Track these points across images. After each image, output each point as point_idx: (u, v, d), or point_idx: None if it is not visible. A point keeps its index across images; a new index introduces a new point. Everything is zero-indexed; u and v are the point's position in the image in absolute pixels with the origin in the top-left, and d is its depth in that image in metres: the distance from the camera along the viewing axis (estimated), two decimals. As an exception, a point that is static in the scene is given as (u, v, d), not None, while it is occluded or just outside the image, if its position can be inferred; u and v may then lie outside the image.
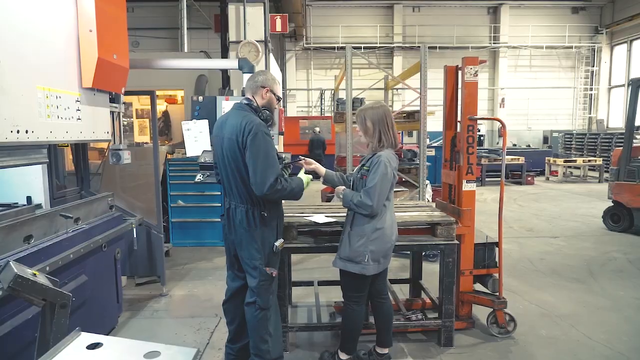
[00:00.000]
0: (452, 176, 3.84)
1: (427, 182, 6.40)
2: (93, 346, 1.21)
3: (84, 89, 2.97)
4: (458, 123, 3.87)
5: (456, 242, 3.34)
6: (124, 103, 3.75)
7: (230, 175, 2.71)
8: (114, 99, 3.46)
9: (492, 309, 3.58)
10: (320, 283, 4.34)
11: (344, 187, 2.94)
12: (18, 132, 2.43)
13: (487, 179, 13.49)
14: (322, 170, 3.06)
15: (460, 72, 3.75)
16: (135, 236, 3.90)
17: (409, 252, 4.84)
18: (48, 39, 2.65)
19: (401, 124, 7.38)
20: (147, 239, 4.53)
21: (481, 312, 3.78)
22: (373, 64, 6.95)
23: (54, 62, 2.67)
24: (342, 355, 3.06)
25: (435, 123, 9.33)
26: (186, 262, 5.69)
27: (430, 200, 6.38)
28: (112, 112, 3.46)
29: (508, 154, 14.61)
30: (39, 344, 2.05)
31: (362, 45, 19.03)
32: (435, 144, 12.74)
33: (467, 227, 3.60)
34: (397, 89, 18.66)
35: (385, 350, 3.14)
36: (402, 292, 4.45)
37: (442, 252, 3.33)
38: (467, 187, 3.63)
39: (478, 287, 3.78)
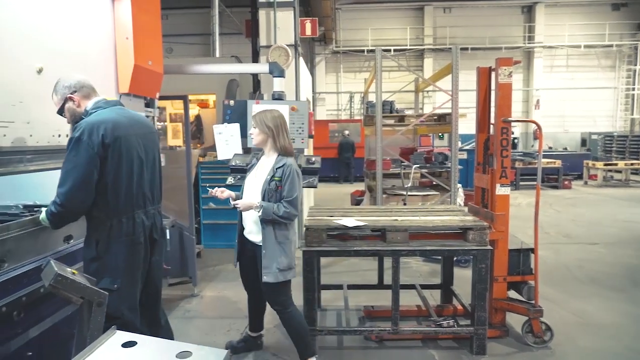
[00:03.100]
0: (485, 180, 3.75)
1: (459, 185, 6.28)
2: (128, 344, 1.24)
3: (121, 94, 3.07)
4: (491, 125, 3.78)
5: (489, 247, 3.25)
6: (158, 107, 3.85)
7: None
8: (149, 104, 3.55)
9: (527, 318, 3.47)
10: (350, 287, 4.32)
11: (259, 200, 2.87)
12: (60, 136, 2.54)
13: (521, 183, 13.12)
14: (232, 194, 3.01)
15: (493, 74, 3.66)
16: (168, 237, 3.99)
17: (439, 257, 4.76)
18: (88, 47, 2.76)
19: (432, 127, 7.29)
20: (180, 241, 4.63)
21: (515, 321, 3.67)
22: (403, 66, 6.90)
23: (93, 69, 2.77)
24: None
25: (466, 125, 9.16)
26: (217, 264, 5.77)
27: (462, 204, 6.26)
28: (147, 117, 3.56)
29: (544, 157, 14.15)
30: (77, 340, 2.12)
31: (392, 48, 18.87)
32: (467, 147, 12.50)
33: (501, 232, 3.51)
34: (427, 91, 18.46)
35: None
36: (433, 297, 4.38)
37: (475, 257, 3.25)
38: (501, 191, 3.54)
39: (512, 294, 3.67)
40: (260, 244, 2.92)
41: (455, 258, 4.82)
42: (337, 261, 5.77)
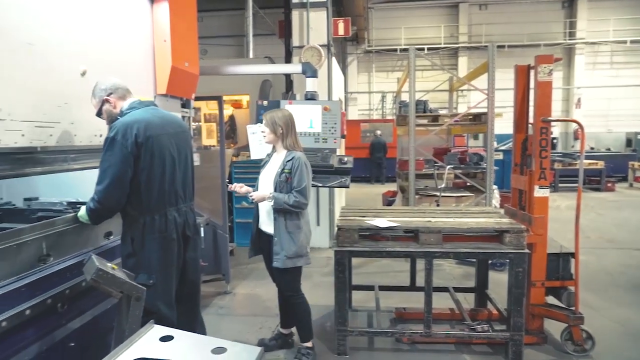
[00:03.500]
0: (522, 181, 3.64)
1: (494, 187, 6.12)
2: (165, 338, 1.28)
3: (158, 95, 3.16)
4: (529, 125, 3.66)
5: (527, 251, 3.15)
6: (193, 108, 3.94)
7: None
8: (185, 104, 3.64)
9: (567, 325, 3.34)
10: (381, 288, 4.29)
11: (270, 191, 3.07)
12: (100, 135, 2.63)
13: (560, 185, 12.66)
14: (250, 190, 3.20)
15: (532, 72, 3.55)
16: (202, 235, 4.07)
17: (473, 260, 4.65)
18: (128, 50, 2.85)
19: (467, 127, 7.14)
20: (213, 239, 4.72)
21: (554, 327, 3.54)
22: (437, 65, 6.79)
23: (133, 71, 2.86)
24: (309, 344, 3.30)
25: (502, 125, 8.92)
26: (249, 262, 5.84)
27: (498, 206, 6.09)
28: (183, 117, 3.64)
29: (586, 158, 13.60)
30: (116, 333, 2.20)
31: (426, 47, 18.62)
32: (502, 147, 12.17)
33: (539, 236, 3.40)
34: (462, 90, 18.08)
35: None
36: (467, 301, 4.28)
37: (511, 261, 3.16)
38: (539, 193, 3.42)
39: (551, 300, 3.55)
40: (272, 234, 3.11)
41: (490, 261, 4.70)
42: (368, 262, 5.74)
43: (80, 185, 3.01)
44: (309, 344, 3.30)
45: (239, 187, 3.16)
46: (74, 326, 2.32)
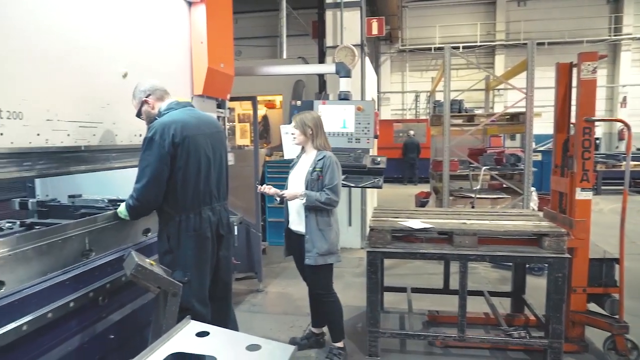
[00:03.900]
0: (563, 183, 3.51)
1: (533, 189, 5.93)
2: (201, 334, 1.31)
3: (195, 96, 3.23)
4: (571, 125, 3.53)
5: (567, 255, 3.04)
6: (228, 108, 4.00)
7: None
8: (220, 105, 3.70)
9: (610, 334, 3.20)
10: (414, 290, 4.23)
11: (303, 189, 3.11)
12: (140, 135, 2.72)
13: (603, 188, 12.14)
14: (278, 191, 3.22)
15: (574, 70, 3.42)
16: (236, 234, 4.13)
17: (510, 264, 4.53)
18: (167, 52, 2.93)
19: (503, 127, 6.96)
20: (246, 237, 4.79)
21: (596, 336, 3.40)
22: (473, 63, 6.64)
23: (171, 72, 2.94)
24: (340, 344, 3.30)
25: (541, 125, 8.65)
26: (281, 261, 5.89)
27: (536, 208, 5.90)
28: (218, 117, 3.71)
29: (632, 159, 12.97)
30: (153, 327, 2.27)
31: (461, 45, 18.25)
32: (541, 148, 11.79)
33: (581, 240, 3.27)
34: (498, 90, 17.61)
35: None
36: (502, 306, 4.17)
37: (550, 266, 3.06)
38: (581, 195, 3.29)
39: (592, 307, 3.41)
40: (303, 233, 3.15)
41: (527, 265, 4.56)
42: (401, 263, 5.68)
43: (121, 182, 3.12)
44: (340, 344, 3.29)
45: (268, 189, 3.21)
46: (114, 319, 2.41)
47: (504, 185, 6.36)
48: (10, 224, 2.75)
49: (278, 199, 3.23)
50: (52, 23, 2.10)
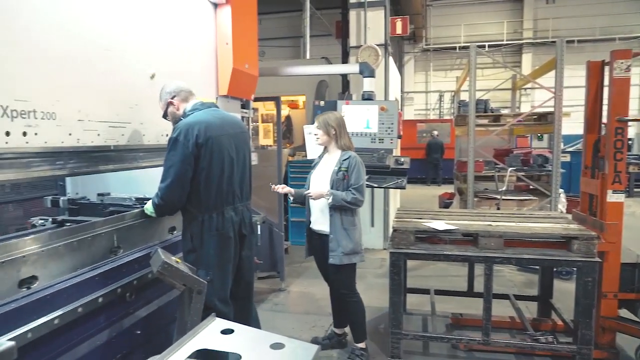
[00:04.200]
0: (594, 185, 3.41)
1: (561, 191, 5.78)
2: (226, 331, 1.32)
3: (220, 96, 3.27)
4: (602, 125, 3.43)
5: (597, 259, 2.95)
6: (252, 109, 4.04)
7: None
8: (244, 105, 3.74)
9: (642, 340, 3.10)
10: (437, 292, 4.18)
11: (329, 188, 3.11)
12: (166, 135, 2.77)
13: (635, 190, 11.73)
14: (291, 191, 3.31)
15: (607, 68, 3.32)
16: (259, 233, 4.16)
17: (536, 267, 4.43)
18: (194, 53, 2.98)
19: (531, 127, 6.82)
20: (269, 236, 4.82)
21: (627, 343, 3.29)
22: (499, 62, 6.52)
23: (197, 73, 2.99)
24: (363, 345, 3.31)
25: (570, 125, 8.40)
26: (303, 261, 5.90)
27: (564, 211, 5.75)
28: (242, 118, 3.75)
29: (664, 161, 12.49)
30: (178, 324, 2.31)
31: (487, 44, 17.93)
32: (570, 149, 11.49)
33: (612, 244, 3.17)
34: (525, 89, 17.24)
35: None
36: (529, 310, 4.08)
37: (580, 270, 2.97)
38: (613, 198, 3.19)
39: (624, 313, 3.30)
40: (326, 232, 3.16)
41: (555, 269, 4.45)
42: (424, 265, 5.62)
43: (149, 181, 3.18)
44: (362, 345, 3.28)
45: (281, 188, 3.26)
46: (140, 315, 2.46)
47: (531, 187, 6.22)
48: (42, 221, 2.85)
49: (291, 197, 3.29)
50: (84, 28, 2.16)
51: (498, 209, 5.61)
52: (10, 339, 1.50)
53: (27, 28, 1.87)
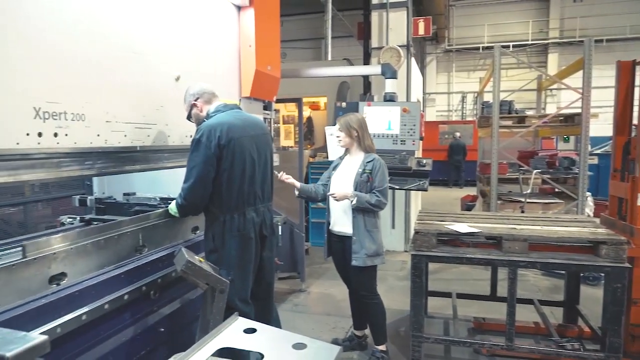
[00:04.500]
0: (623, 188, 3.32)
1: (588, 194, 5.63)
2: (249, 331, 1.34)
3: (243, 98, 3.30)
4: (633, 127, 3.33)
5: (627, 265, 2.86)
6: (274, 110, 4.07)
7: None
8: (266, 107, 3.77)
9: (674, 350, 2.99)
10: (459, 296, 4.13)
11: (352, 190, 3.11)
12: (190, 136, 2.82)
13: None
14: (297, 184, 3.28)
15: (638, 68, 3.22)
16: (280, 233, 4.19)
17: (562, 272, 4.33)
18: (218, 56, 3.02)
19: (557, 128, 6.67)
20: (290, 237, 4.84)
21: (658, 351, 3.18)
22: (524, 63, 6.40)
23: (221, 75, 3.03)
24: (383, 347, 3.30)
25: (597, 127, 8.18)
26: (323, 262, 5.92)
27: (592, 215, 5.61)
28: (264, 119, 3.78)
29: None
30: (201, 322, 2.34)
31: (511, 44, 17.63)
32: (598, 151, 11.18)
33: (642, 249, 3.07)
34: (551, 90, 16.88)
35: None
36: (554, 315, 3.99)
37: (607, 275, 2.89)
38: (643, 201, 3.10)
39: (655, 320, 3.19)
40: (348, 234, 3.16)
41: (582, 274, 4.33)
42: (445, 268, 5.56)
43: (173, 182, 3.24)
44: (382, 347, 3.27)
45: (286, 177, 3.23)
46: (164, 313, 2.50)
47: (557, 190, 6.08)
48: (71, 219, 2.93)
49: (297, 191, 3.30)
50: (112, 32, 2.22)
51: (522, 212, 5.50)
52: (41, 333, 1.55)
53: (59, 33, 1.93)
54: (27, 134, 1.82)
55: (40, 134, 1.86)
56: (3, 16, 1.70)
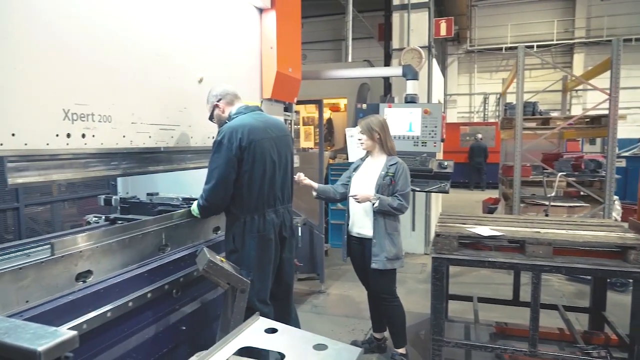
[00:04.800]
0: (652, 192, 3.21)
1: (616, 197, 5.48)
2: (270, 331, 1.35)
3: (264, 99, 3.33)
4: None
5: (657, 271, 2.77)
6: (295, 112, 4.09)
7: None
8: (287, 108, 3.79)
9: None
10: (480, 300, 4.06)
11: (374, 193, 3.10)
12: (212, 137, 2.85)
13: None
14: (314, 185, 3.29)
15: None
16: (300, 234, 4.20)
17: (588, 277, 4.22)
18: (239, 58, 3.06)
19: (582, 130, 6.51)
20: (310, 238, 4.86)
21: (690, 361, 3.06)
22: (549, 63, 6.27)
23: (242, 76, 3.06)
24: (403, 350, 3.30)
25: (625, 129, 7.96)
26: (342, 264, 5.89)
27: (619, 219, 5.45)
28: (285, 120, 3.80)
29: None
30: (222, 321, 2.36)
31: (535, 44, 17.30)
32: (626, 154, 10.87)
33: (673, 255, 2.96)
34: (576, 91, 16.50)
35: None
36: (579, 322, 3.89)
37: (636, 281, 2.80)
38: (674, 206, 3.00)
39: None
40: (368, 236, 3.15)
41: (608, 280, 4.22)
42: (466, 271, 5.49)
43: (195, 182, 3.29)
44: (402, 351, 3.24)
45: (302, 179, 3.23)
46: (186, 311, 2.53)
47: (582, 193, 5.94)
48: (96, 219, 3.00)
49: (314, 192, 3.30)
50: (137, 35, 2.27)
51: (546, 215, 5.39)
52: (68, 329, 1.59)
53: (87, 38, 1.99)
54: (57, 135, 1.87)
55: (68, 135, 1.92)
56: (36, 24, 1.76)
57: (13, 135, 1.70)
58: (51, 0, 1.81)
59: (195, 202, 2.62)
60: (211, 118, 2.71)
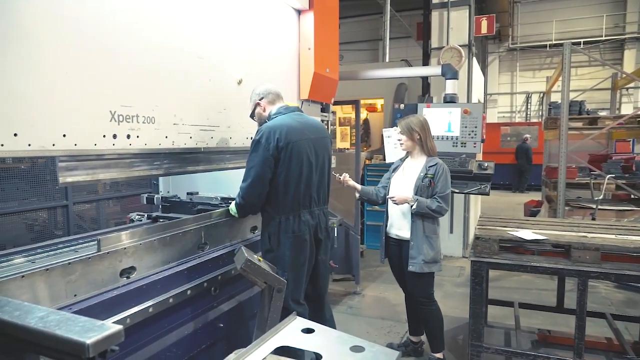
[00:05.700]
0: None
1: (670, 201, 5.16)
2: (307, 331, 1.35)
3: (301, 100, 3.35)
4: None
5: None
6: (332, 112, 4.09)
7: None
8: (324, 109, 3.79)
9: None
10: (521, 305, 3.93)
11: (412, 195, 3.05)
12: (251, 138, 2.89)
13: None
14: (357, 186, 3.30)
15: None
16: (335, 235, 4.20)
17: (639, 285, 4.00)
18: (278, 59, 3.09)
19: (634, 130, 6.19)
20: (345, 239, 4.84)
21: None
22: (597, 60, 5.99)
23: (281, 78, 3.10)
24: (440, 355, 3.23)
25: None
26: (378, 265, 5.86)
27: (674, 224, 5.12)
28: (322, 121, 3.80)
29: None
30: (259, 320, 2.39)
31: (581, 40, 16.56)
32: (681, 155, 10.22)
33: None
34: (627, 89, 15.67)
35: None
36: (629, 332, 3.69)
37: (694, 291, 2.63)
38: None
39: None
40: (406, 238, 3.11)
41: (662, 289, 3.98)
42: (506, 275, 5.31)
43: (235, 182, 3.35)
44: (439, 355, 3.18)
45: (347, 179, 3.26)
46: (223, 309, 2.58)
47: (633, 197, 5.63)
48: (139, 217, 3.11)
49: (357, 194, 3.33)
50: (179, 38, 2.33)
51: (593, 219, 5.14)
52: (113, 323, 1.65)
53: (133, 43, 2.06)
54: (104, 136, 1.95)
55: (115, 136, 1.99)
56: (85, 33, 1.84)
57: (64, 136, 1.79)
58: (99, 11, 1.89)
59: (233, 202, 2.66)
60: (252, 116, 2.74)
